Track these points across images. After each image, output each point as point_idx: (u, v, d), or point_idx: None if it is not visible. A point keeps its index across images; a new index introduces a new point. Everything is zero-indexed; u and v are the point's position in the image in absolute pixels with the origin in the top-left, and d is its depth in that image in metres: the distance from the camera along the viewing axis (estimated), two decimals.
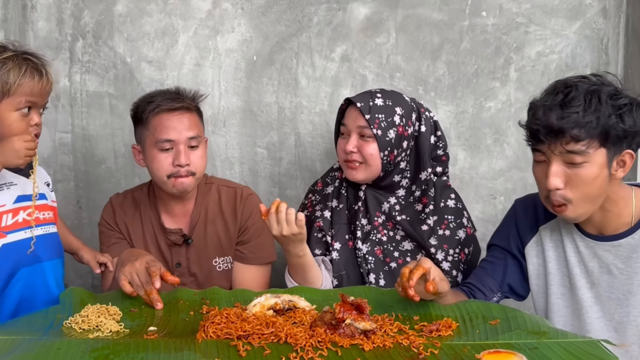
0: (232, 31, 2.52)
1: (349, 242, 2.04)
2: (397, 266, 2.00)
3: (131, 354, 1.33)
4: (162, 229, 2.06)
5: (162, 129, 1.93)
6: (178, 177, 1.94)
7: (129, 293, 1.65)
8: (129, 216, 2.09)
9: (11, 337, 1.39)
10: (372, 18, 2.50)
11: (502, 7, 2.49)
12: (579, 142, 1.53)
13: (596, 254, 1.67)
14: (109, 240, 2.08)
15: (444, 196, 2.06)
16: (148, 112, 1.95)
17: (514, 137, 2.53)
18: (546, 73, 2.51)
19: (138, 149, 2.03)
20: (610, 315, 1.66)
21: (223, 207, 2.08)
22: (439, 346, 1.38)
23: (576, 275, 1.70)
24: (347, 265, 2.01)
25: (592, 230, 1.68)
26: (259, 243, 2.07)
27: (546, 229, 1.77)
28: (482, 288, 1.80)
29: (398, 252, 2.02)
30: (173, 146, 1.93)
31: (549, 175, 1.58)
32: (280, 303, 1.54)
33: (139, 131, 2.00)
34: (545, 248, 1.76)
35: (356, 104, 1.99)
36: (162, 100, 1.95)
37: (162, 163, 1.94)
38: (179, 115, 1.95)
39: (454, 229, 2.02)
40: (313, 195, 2.18)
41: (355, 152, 1.99)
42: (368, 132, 1.98)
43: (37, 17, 2.49)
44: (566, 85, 1.58)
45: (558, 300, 1.74)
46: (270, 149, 2.58)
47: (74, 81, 2.53)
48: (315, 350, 1.34)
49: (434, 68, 2.52)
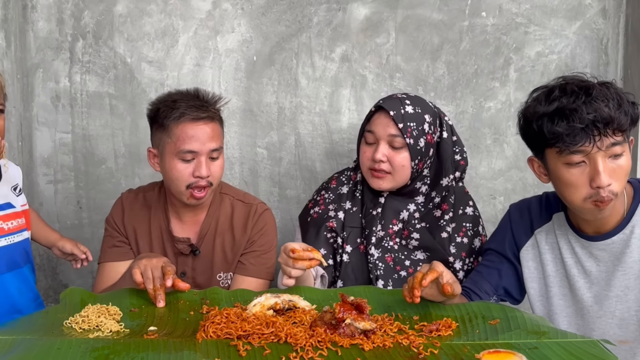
0: (232, 31, 2.52)
1: (360, 246, 2.01)
2: (407, 275, 1.97)
3: (131, 354, 1.33)
4: (170, 236, 2.01)
5: (186, 139, 1.86)
6: (196, 189, 1.89)
7: (137, 282, 1.61)
8: (138, 218, 2.04)
9: (11, 337, 1.39)
10: (372, 18, 2.51)
11: (502, 7, 2.49)
12: (622, 132, 1.52)
13: (592, 254, 1.68)
14: (111, 241, 2.04)
15: (463, 203, 2.03)
16: (171, 119, 1.87)
17: (514, 137, 2.53)
18: (546, 73, 2.51)
19: (154, 153, 1.96)
20: (611, 313, 1.66)
21: (234, 222, 2.02)
22: (439, 346, 1.38)
23: (574, 276, 1.70)
24: (356, 269, 1.99)
25: (589, 231, 1.68)
26: (263, 257, 2.01)
27: (541, 232, 1.77)
28: (478, 291, 1.80)
29: (409, 261, 1.99)
30: (194, 157, 1.88)
31: (599, 172, 1.52)
32: (280, 303, 1.53)
33: (158, 135, 1.93)
34: (542, 251, 1.76)
35: (389, 111, 1.93)
36: (187, 109, 1.87)
37: (182, 173, 1.88)
38: (202, 126, 1.88)
39: (471, 237, 2.00)
40: (326, 192, 2.11)
41: (384, 161, 1.94)
42: (400, 141, 1.93)
43: (37, 17, 2.50)
44: (576, 84, 1.55)
45: (560, 301, 1.74)
46: (270, 149, 2.58)
47: (74, 81, 2.53)
48: (315, 350, 1.34)
49: (433, 68, 2.53)
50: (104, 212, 2.51)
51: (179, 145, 1.87)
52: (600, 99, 1.51)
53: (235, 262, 2.01)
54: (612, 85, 1.56)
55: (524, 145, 1.70)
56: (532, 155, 1.68)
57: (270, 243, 2.03)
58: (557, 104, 1.54)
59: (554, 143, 1.54)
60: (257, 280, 1.99)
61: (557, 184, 1.62)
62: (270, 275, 2.03)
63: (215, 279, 2.02)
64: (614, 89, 1.55)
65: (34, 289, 1.91)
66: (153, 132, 1.96)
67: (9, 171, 1.88)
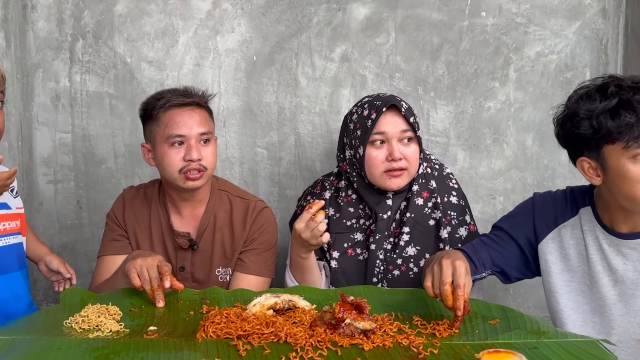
0: (232, 31, 2.52)
1: (348, 250, 2.02)
2: (400, 273, 1.99)
3: (131, 353, 1.33)
4: (171, 230, 2.04)
5: (173, 124, 1.92)
6: (190, 172, 1.92)
7: (137, 286, 1.63)
8: (138, 213, 2.07)
9: (11, 337, 1.39)
10: (371, 18, 2.51)
11: (502, 7, 2.49)
12: None
13: (620, 251, 1.66)
14: (111, 235, 2.07)
15: (447, 192, 2.05)
16: (158, 108, 1.94)
17: (514, 137, 2.53)
18: (545, 73, 2.51)
19: (148, 148, 2.01)
20: (635, 312, 1.65)
21: (234, 217, 2.05)
22: (439, 346, 1.38)
23: (599, 273, 1.68)
24: (346, 273, 2.00)
25: (625, 229, 1.65)
26: (263, 255, 2.03)
27: (567, 226, 1.75)
28: (475, 260, 1.77)
29: (401, 259, 2.00)
30: (184, 141, 1.92)
31: None
32: (280, 303, 1.54)
33: (149, 128, 1.99)
34: (565, 246, 1.74)
35: (400, 108, 1.96)
36: (172, 96, 1.95)
37: (173, 158, 1.92)
38: (189, 111, 1.94)
39: (455, 227, 2.02)
40: (312, 197, 2.14)
41: (402, 158, 1.96)
42: (410, 134, 1.97)
43: (37, 17, 2.50)
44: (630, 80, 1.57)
45: (578, 297, 1.73)
46: (270, 149, 2.58)
47: (74, 81, 2.53)
48: (315, 350, 1.34)
49: (433, 68, 2.53)
50: (104, 212, 2.51)
51: (167, 132, 1.92)
52: None
53: (235, 258, 2.03)
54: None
55: (524, 145, 1.70)
56: (582, 157, 1.61)
57: (270, 241, 2.04)
58: (618, 98, 1.53)
59: (619, 137, 1.52)
60: (257, 278, 2.00)
61: (619, 182, 1.57)
62: (270, 273, 2.04)
63: (214, 274, 2.04)
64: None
65: (27, 296, 1.87)
66: (145, 128, 2.02)
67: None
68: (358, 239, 2.03)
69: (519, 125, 2.52)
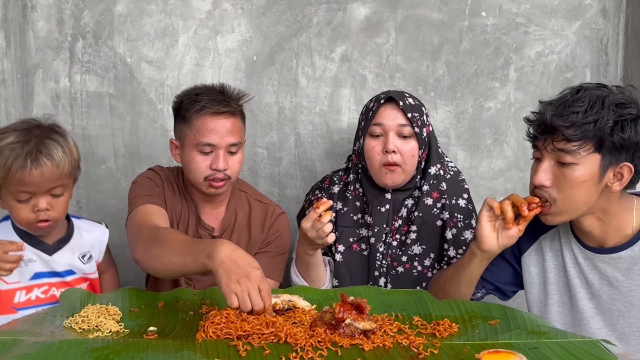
0: (232, 31, 2.52)
1: (354, 245, 2.04)
2: (405, 271, 2.00)
3: (131, 354, 1.33)
4: (197, 220, 2.02)
5: (205, 131, 1.89)
6: (214, 180, 1.91)
7: (233, 308, 1.46)
8: (173, 190, 2.03)
9: (11, 337, 1.39)
10: (372, 18, 2.51)
11: (502, 7, 2.49)
12: (571, 142, 1.51)
13: (595, 266, 1.65)
14: (147, 190, 1.95)
15: (457, 194, 2.06)
16: (192, 111, 1.90)
17: (514, 137, 2.53)
18: (546, 73, 2.51)
19: (176, 144, 1.99)
20: (612, 326, 1.64)
21: (252, 219, 2.06)
22: (439, 346, 1.38)
23: (576, 286, 1.68)
24: (350, 268, 2.01)
25: (592, 244, 1.65)
26: (276, 259, 2.04)
27: (546, 238, 1.75)
28: None
29: (406, 257, 2.01)
30: (213, 150, 1.90)
31: (537, 170, 1.57)
32: (280, 303, 1.54)
33: (180, 127, 1.96)
34: (545, 257, 1.74)
35: (398, 102, 1.97)
36: (208, 102, 1.89)
37: (200, 165, 1.91)
38: (222, 120, 1.90)
39: (461, 229, 2.02)
40: (320, 192, 2.15)
41: (396, 152, 1.96)
42: (408, 130, 1.96)
43: (37, 17, 2.49)
44: (580, 88, 1.57)
45: (559, 309, 1.72)
46: (270, 149, 2.58)
47: (74, 81, 2.53)
48: (315, 350, 1.34)
49: (433, 68, 2.53)
50: (104, 212, 2.51)
51: (198, 138, 1.90)
52: (575, 106, 1.52)
53: None
54: (620, 103, 1.52)
55: (524, 145, 1.70)
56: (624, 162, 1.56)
57: (284, 246, 2.06)
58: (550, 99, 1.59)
59: None
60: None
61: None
62: (280, 277, 2.06)
63: None
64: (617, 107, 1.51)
65: None
66: (176, 124, 2.00)
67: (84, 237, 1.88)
68: (363, 235, 2.04)
69: (519, 125, 2.52)
